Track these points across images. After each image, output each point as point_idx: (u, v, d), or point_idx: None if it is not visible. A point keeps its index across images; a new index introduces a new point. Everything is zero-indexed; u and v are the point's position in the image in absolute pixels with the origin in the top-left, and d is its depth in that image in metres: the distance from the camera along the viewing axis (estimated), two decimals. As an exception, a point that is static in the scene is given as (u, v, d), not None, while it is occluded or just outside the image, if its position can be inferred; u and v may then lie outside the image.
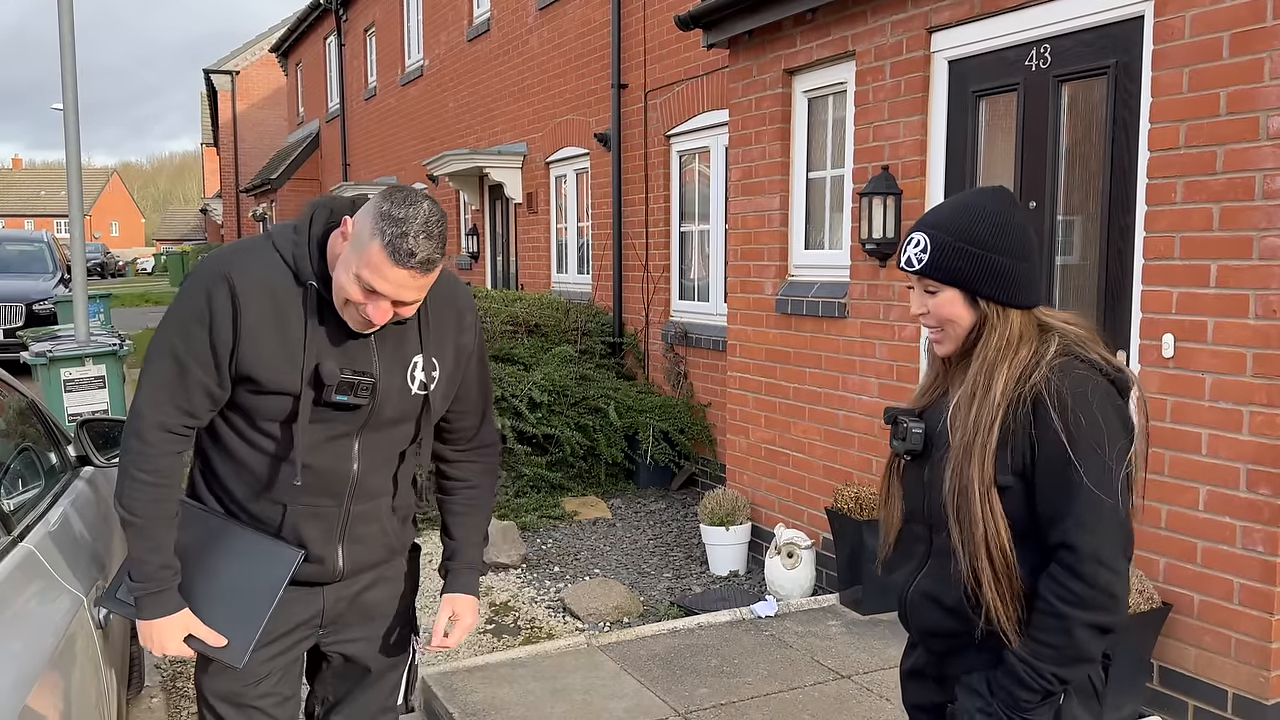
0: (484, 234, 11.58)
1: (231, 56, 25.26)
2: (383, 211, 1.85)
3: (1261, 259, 3.16)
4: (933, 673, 1.88)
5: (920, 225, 1.79)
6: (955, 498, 1.70)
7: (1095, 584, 1.62)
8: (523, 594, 5.20)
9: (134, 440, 1.99)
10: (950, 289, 1.75)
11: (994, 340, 1.73)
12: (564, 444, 6.92)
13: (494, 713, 3.53)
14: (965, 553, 1.70)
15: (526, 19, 10.02)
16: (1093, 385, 1.66)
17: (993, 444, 1.67)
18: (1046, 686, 1.65)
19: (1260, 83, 3.14)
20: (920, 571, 1.83)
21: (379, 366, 2.04)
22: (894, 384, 4.58)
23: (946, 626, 1.78)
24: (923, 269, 1.75)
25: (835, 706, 3.58)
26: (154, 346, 2.02)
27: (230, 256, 2.01)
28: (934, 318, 1.78)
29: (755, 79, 5.38)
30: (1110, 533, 1.63)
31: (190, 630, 2.05)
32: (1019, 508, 1.69)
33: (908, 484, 1.87)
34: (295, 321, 1.97)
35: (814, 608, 4.56)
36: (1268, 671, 3.20)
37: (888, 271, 4.60)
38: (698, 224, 7.46)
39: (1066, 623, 1.63)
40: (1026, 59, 3.97)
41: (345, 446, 2.08)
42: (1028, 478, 1.68)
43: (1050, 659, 1.64)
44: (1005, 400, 1.68)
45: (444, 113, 12.63)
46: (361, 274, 1.86)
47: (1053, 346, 1.71)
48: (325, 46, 18.80)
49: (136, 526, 2.01)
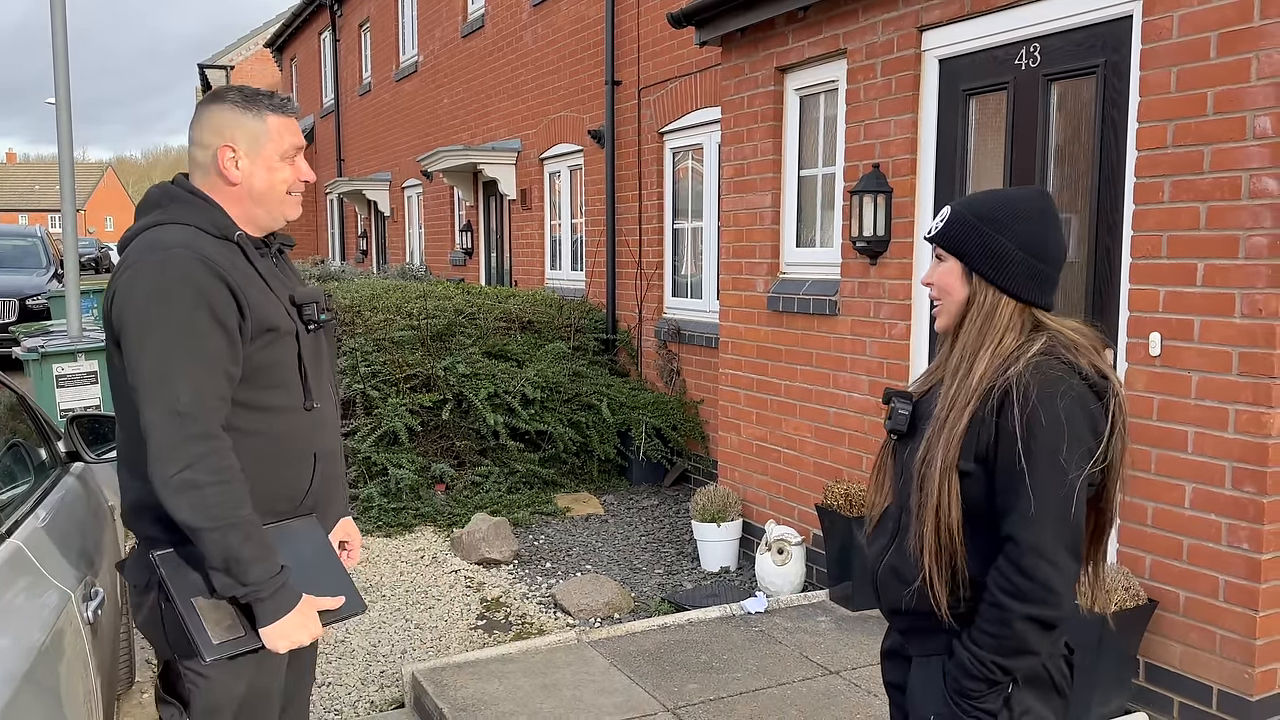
0: (478, 230, 11.57)
1: (226, 51, 25.17)
2: (237, 104, 2.09)
3: (1248, 258, 3.18)
4: (902, 652, 1.93)
5: (956, 200, 1.90)
6: (921, 467, 1.76)
7: (1034, 577, 1.66)
8: (514, 590, 5.21)
9: (196, 444, 1.88)
10: (952, 259, 1.83)
11: (977, 320, 1.78)
12: (557, 440, 6.93)
13: (483, 708, 3.54)
14: (915, 520, 1.76)
15: (521, 15, 10.01)
16: (1064, 386, 1.69)
17: (961, 425, 1.72)
18: (989, 675, 1.69)
19: (1247, 83, 3.15)
20: (889, 548, 1.88)
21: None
22: (884, 381, 4.60)
23: (906, 604, 1.82)
24: (936, 235, 1.85)
25: (823, 702, 3.60)
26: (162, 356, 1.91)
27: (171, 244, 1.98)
28: (937, 287, 1.85)
29: (747, 76, 5.38)
30: (1053, 529, 1.67)
31: (314, 606, 2.03)
32: (978, 495, 1.74)
33: (895, 464, 1.92)
34: (249, 272, 2.06)
35: (804, 604, 4.58)
36: (1252, 668, 3.23)
37: (878, 269, 4.61)
38: (691, 221, 7.47)
39: (1006, 613, 1.68)
40: (1016, 58, 3.98)
41: (326, 381, 2.22)
42: (989, 467, 1.72)
43: (991, 648, 1.69)
44: (983, 385, 1.73)
45: (438, 108, 12.62)
46: (281, 146, 2.10)
47: (1037, 344, 1.74)
48: (320, 41, 18.76)
49: (239, 530, 1.89)
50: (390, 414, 6.55)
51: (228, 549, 1.89)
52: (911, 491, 1.78)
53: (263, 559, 1.93)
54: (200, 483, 1.87)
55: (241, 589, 1.92)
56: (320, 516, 2.23)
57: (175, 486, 1.87)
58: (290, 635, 1.97)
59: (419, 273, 12.08)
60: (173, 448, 1.87)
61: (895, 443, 1.91)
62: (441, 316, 7.34)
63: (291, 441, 2.10)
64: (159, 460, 1.88)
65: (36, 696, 1.90)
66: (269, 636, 1.96)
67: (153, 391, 1.90)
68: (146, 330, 1.92)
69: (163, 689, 2.10)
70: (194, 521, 1.87)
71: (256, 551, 1.92)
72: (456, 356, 6.99)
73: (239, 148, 2.08)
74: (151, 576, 2.04)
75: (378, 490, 6.31)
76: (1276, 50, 3.07)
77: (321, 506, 2.23)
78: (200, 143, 2.11)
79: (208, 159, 2.10)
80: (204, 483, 1.87)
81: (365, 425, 6.56)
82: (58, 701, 2.02)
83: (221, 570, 1.91)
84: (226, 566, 1.90)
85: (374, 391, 6.70)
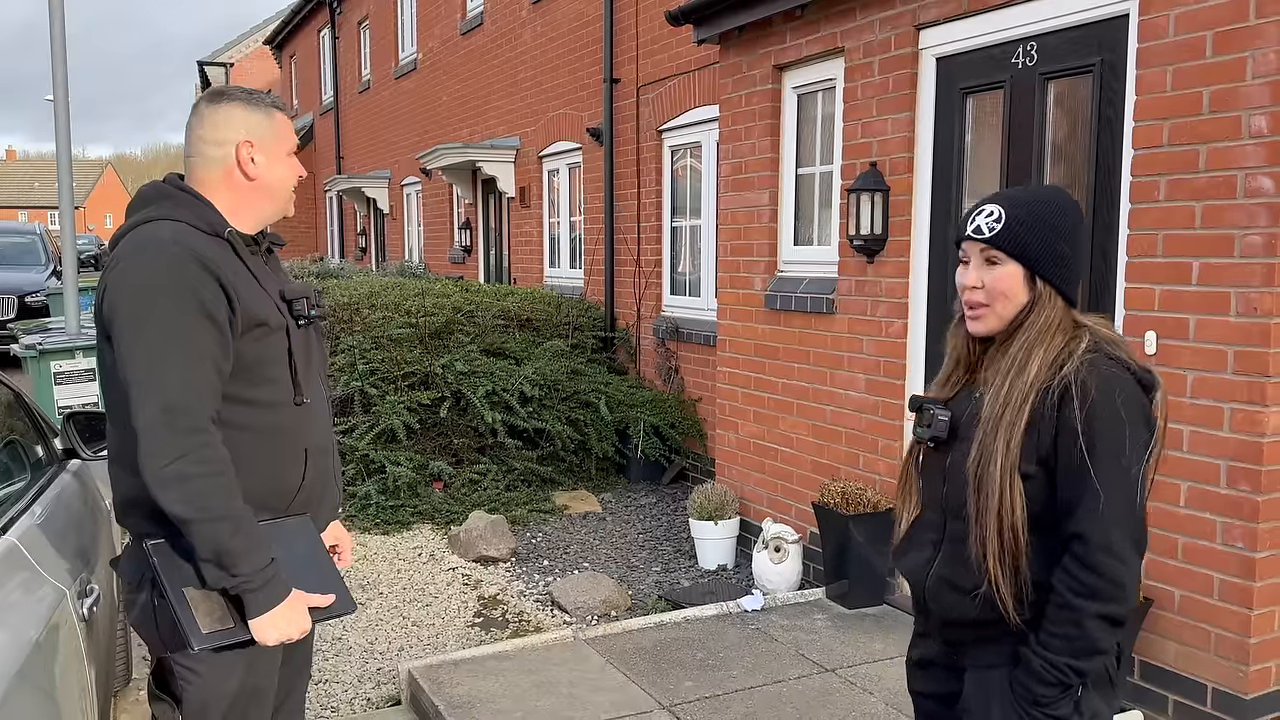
0: (477, 228, 11.57)
1: (226, 49, 25.15)
2: (246, 102, 2.15)
3: (1243, 257, 3.18)
4: (945, 662, 1.90)
5: (993, 199, 1.83)
6: (976, 468, 1.73)
7: (1105, 574, 1.65)
8: (511, 587, 5.22)
9: (187, 437, 1.89)
10: (1014, 263, 1.78)
11: (1039, 322, 1.77)
12: (555, 438, 6.93)
13: (479, 705, 3.55)
14: (976, 524, 1.73)
15: (520, 12, 10.01)
16: (1120, 382, 1.71)
17: (1022, 423, 1.71)
18: (1063, 679, 1.68)
19: (1242, 81, 3.15)
20: (936, 558, 1.85)
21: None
22: (881, 379, 4.60)
23: (966, 614, 1.79)
24: (994, 237, 1.78)
25: (819, 700, 3.60)
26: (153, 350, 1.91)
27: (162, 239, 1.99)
28: (988, 291, 1.80)
29: (745, 75, 5.38)
30: (1121, 524, 1.67)
31: (304, 602, 2.04)
32: (1038, 496, 1.72)
33: (925, 472, 1.90)
34: (239, 268, 2.07)
35: (800, 602, 4.59)
36: (1246, 666, 3.23)
37: (875, 268, 4.61)
38: (689, 219, 7.47)
39: (1077, 614, 1.66)
40: (1013, 57, 3.98)
41: (317, 376, 2.23)
42: (1049, 467, 1.71)
43: (1064, 651, 1.67)
44: (1038, 384, 1.72)
45: (437, 106, 12.62)
46: (290, 143, 2.20)
47: (1084, 342, 1.75)
48: (319, 39, 18.75)
49: (230, 522, 1.91)
50: (388, 412, 6.55)
51: (217, 541, 1.90)
52: (967, 496, 1.75)
53: (253, 551, 1.94)
54: (190, 475, 1.88)
55: (231, 580, 1.93)
56: (314, 513, 2.24)
57: (166, 479, 1.88)
58: (279, 628, 1.98)
59: (418, 270, 12.07)
60: (163, 441, 1.88)
61: (929, 451, 1.88)
62: (440, 314, 7.34)
63: (282, 436, 2.11)
64: (150, 453, 1.88)
65: (30, 692, 1.91)
66: (258, 628, 1.97)
67: (144, 385, 1.91)
68: (137, 325, 1.93)
69: (155, 686, 2.10)
70: (184, 513, 1.88)
71: (246, 543, 1.93)
72: (455, 354, 6.99)
73: (256, 143, 2.13)
74: (145, 573, 2.04)
75: (375, 488, 6.32)
76: (1272, 49, 3.08)
77: (315, 503, 2.24)
78: (214, 140, 2.13)
79: (223, 155, 2.13)
80: (194, 475, 1.88)
81: (363, 423, 6.57)
82: (52, 698, 2.02)
83: (212, 562, 1.92)
84: (217, 558, 1.91)
85: (372, 389, 6.70)
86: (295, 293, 2.16)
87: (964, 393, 1.88)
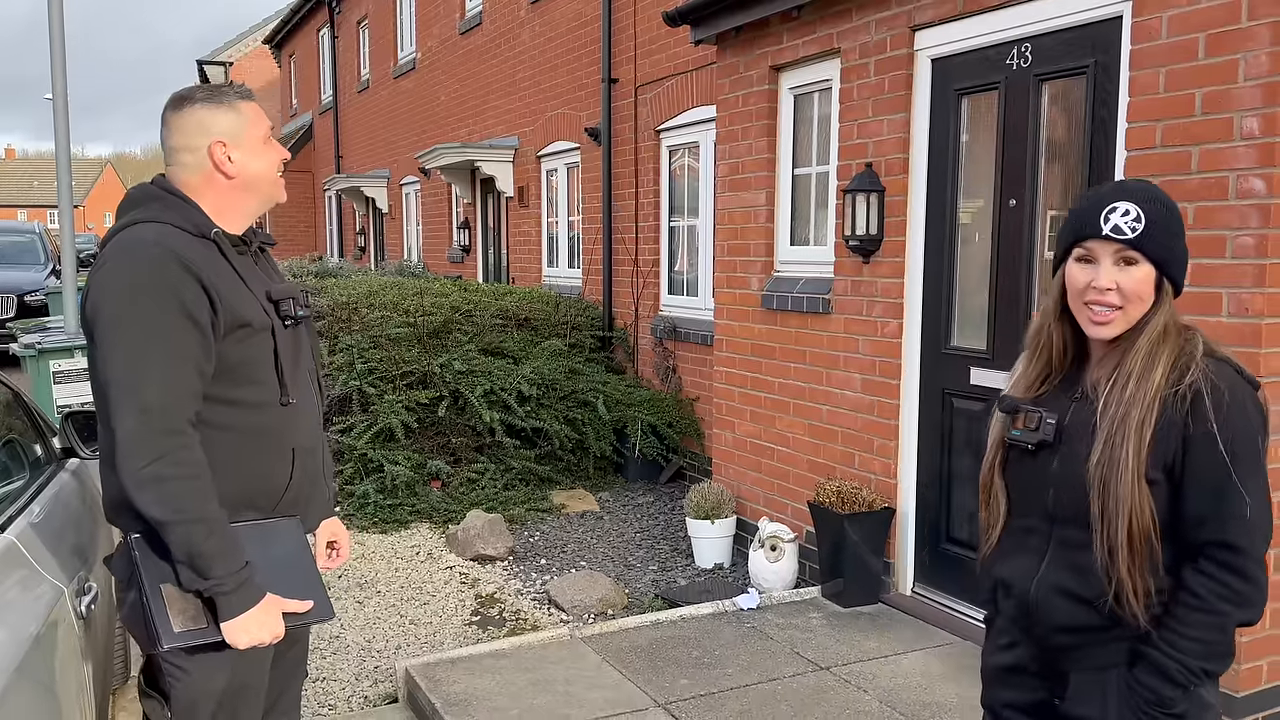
0: (475, 227, 11.59)
1: (225, 48, 25.16)
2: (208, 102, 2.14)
3: (1234, 258, 3.20)
4: (1037, 669, 1.87)
5: (1124, 195, 1.76)
6: (1102, 471, 1.70)
7: (1255, 582, 1.67)
8: (509, 586, 5.24)
9: (165, 438, 1.90)
10: (1149, 266, 1.73)
11: (1159, 325, 1.73)
12: (553, 437, 6.95)
13: (476, 703, 3.57)
14: (1103, 530, 1.70)
15: (518, 12, 10.03)
16: (1243, 387, 1.71)
17: (1151, 424, 1.68)
18: (1193, 681, 1.68)
19: (1235, 83, 3.17)
20: (1042, 566, 1.82)
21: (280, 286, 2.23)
22: (877, 379, 4.62)
23: (1080, 620, 1.77)
24: (1136, 239, 1.72)
25: (813, 698, 3.62)
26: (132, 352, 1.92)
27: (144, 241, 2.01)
28: (1121, 293, 1.73)
29: (742, 75, 5.40)
30: (1264, 531, 1.67)
31: (278, 606, 2.05)
32: (1162, 505, 1.70)
33: (1020, 477, 1.86)
34: (224, 269, 2.07)
35: (795, 600, 4.61)
36: (1238, 665, 3.25)
37: (871, 268, 4.63)
38: (687, 219, 7.49)
39: (1223, 619, 1.67)
40: (1008, 58, 4.00)
41: (305, 376, 2.24)
42: (1174, 476, 1.70)
43: (1201, 655, 1.67)
44: (1164, 388, 1.69)
45: (436, 105, 12.64)
46: (263, 129, 2.19)
47: (1200, 343, 1.74)
48: (318, 38, 18.77)
49: (204, 525, 1.92)
50: (386, 411, 6.57)
51: (191, 543, 1.91)
52: (1090, 502, 1.72)
53: (225, 555, 1.95)
54: (166, 477, 1.89)
55: (203, 583, 1.94)
56: (303, 513, 2.25)
57: (142, 480, 1.89)
58: (250, 631, 1.99)
59: (417, 270, 12.09)
60: (140, 442, 1.89)
61: (1022, 455, 1.84)
62: (438, 314, 7.36)
63: (268, 436, 2.12)
64: (127, 455, 1.90)
65: (30, 688, 1.93)
66: (229, 631, 1.98)
67: (122, 386, 1.91)
68: (117, 326, 1.93)
69: (145, 683, 2.12)
70: (159, 515, 1.90)
71: (220, 547, 1.94)
72: (453, 354, 7.01)
73: (228, 141, 2.13)
74: (135, 570, 2.05)
75: (374, 487, 6.33)
76: (1264, 51, 3.10)
77: (303, 503, 2.25)
78: (186, 147, 2.14)
79: (199, 159, 2.13)
80: (169, 477, 1.90)
81: (362, 422, 6.58)
82: (51, 693, 2.04)
83: (185, 564, 1.94)
84: (190, 560, 1.93)
85: (370, 388, 6.72)
86: (282, 293, 2.16)
87: (1053, 394, 1.85)
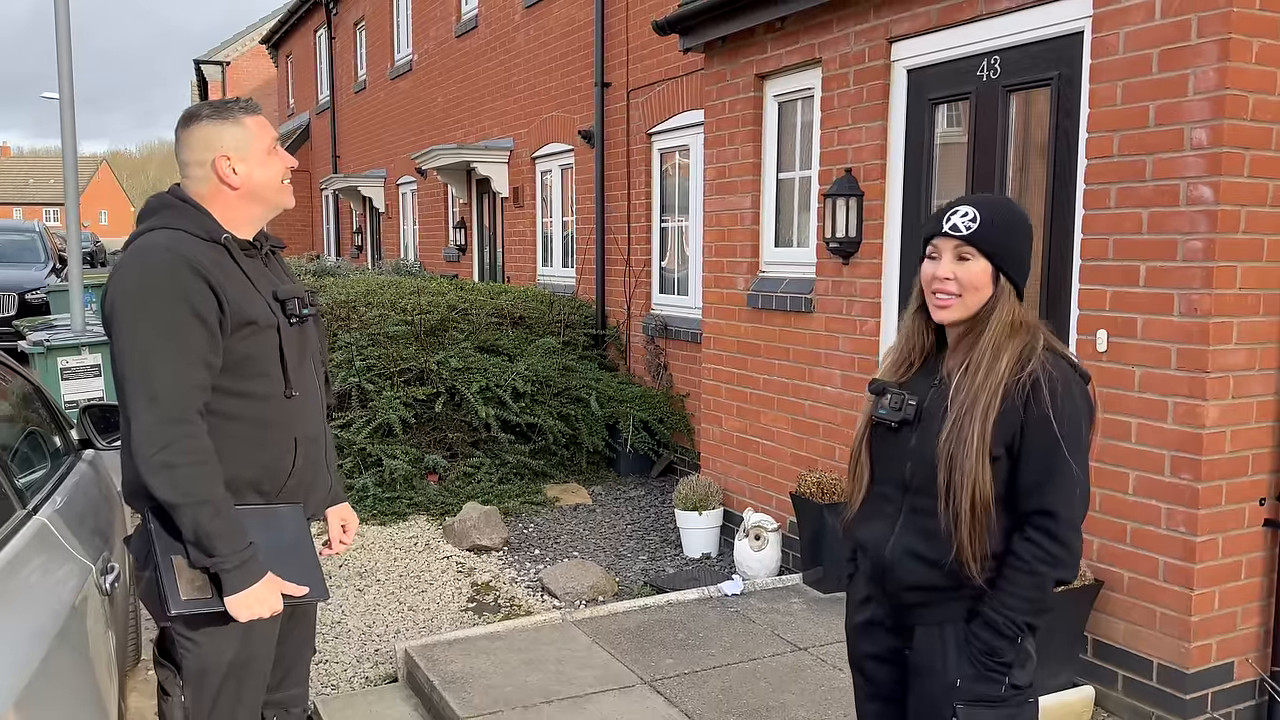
0: (471, 227, 11.78)
1: (222, 47, 25.33)
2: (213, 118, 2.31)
3: (1185, 260, 3.41)
4: (889, 623, 2.13)
5: (968, 201, 2.06)
6: (950, 447, 1.94)
7: (1070, 546, 1.92)
8: (504, 575, 5.44)
9: (173, 428, 2.09)
10: (984, 260, 2.00)
11: (1003, 317, 2.00)
12: (546, 433, 7.15)
13: (472, 681, 3.77)
14: (949, 500, 1.94)
15: (513, 16, 10.21)
16: (1074, 378, 1.98)
17: (995, 407, 1.93)
18: (1018, 634, 1.95)
19: (1185, 97, 3.38)
20: (895, 530, 2.05)
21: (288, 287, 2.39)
22: (856, 375, 4.83)
23: (927, 580, 2.01)
24: (970, 236, 2.01)
25: (791, 675, 3.83)
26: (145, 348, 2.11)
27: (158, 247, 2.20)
28: (959, 283, 2.01)
29: (729, 83, 5.60)
30: (1081, 503, 1.95)
31: (278, 586, 2.23)
32: (1001, 479, 1.95)
33: (883, 451, 2.11)
34: (233, 271, 2.26)
35: (778, 586, 4.81)
36: (1188, 643, 3.46)
37: (850, 269, 4.83)
38: (677, 219, 7.69)
39: (1042, 579, 1.92)
40: (978, 69, 4.20)
41: (310, 371, 2.41)
42: (1013, 452, 1.95)
43: (1024, 610, 1.93)
44: (1008, 375, 1.95)
45: (433, 107, 12.82)
46: (264, 142, 2.33)
47: (1040, 340, 2.00)
48: (315, 39, 18.93)
49: (211, 507, 2.11)
50: (385, 407, 6.76)
51: (198, 523, 2.11)
52: (938, 472, 1.95)
53: (230, 534, 2.14)
54: (175, 463, 2.09)
55: (209, 560, 2.14)
56: (306, 499, 2.43)
57: (154, 466, 2.09)
58: (251, 607, 2.18)
59: (413, 269, 12.27)
60: (152, 431, 2.09)
61: (887, 432, 2.08)
62: (435, 312, 7.56)
63: (273, 425, 2.30)
64: (140, 442, 2.10)
65: (69, 652, 2.13)
66: (231, 605, 2.17)
67: (135, 379, 2.12)
68: (131, 324, 2.13)
69: (159, 654, 2.33)
70: (169, 497, 2.10)
71: (225, 527, 2.13)
72: (449, 351, 7.20)
73: (232, 154, 2.31)
74: (151, 547, 2.24)
75: (373, 480, 6.53)
76: (1211, 68, 3.30)
77: (307, 489, 2.42)
78: (194, 161, 2.33)
79: (206, 172, 2.32)
80: (179, 463, 2.09)
81: (360, 417, 6.78)
82: (86, 660, 2.24)
83: (193, 543, 2.13)
84: (197, 539, 2.12)
85: (369, 385, 6.91)
86: (288, 293, 2.35)
87: (917, 378, 2.10)
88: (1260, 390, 3.47)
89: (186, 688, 2.27)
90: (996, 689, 1.95)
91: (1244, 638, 3.56)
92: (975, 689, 1.96)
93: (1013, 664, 1.95)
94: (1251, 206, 3.36)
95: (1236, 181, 3.32)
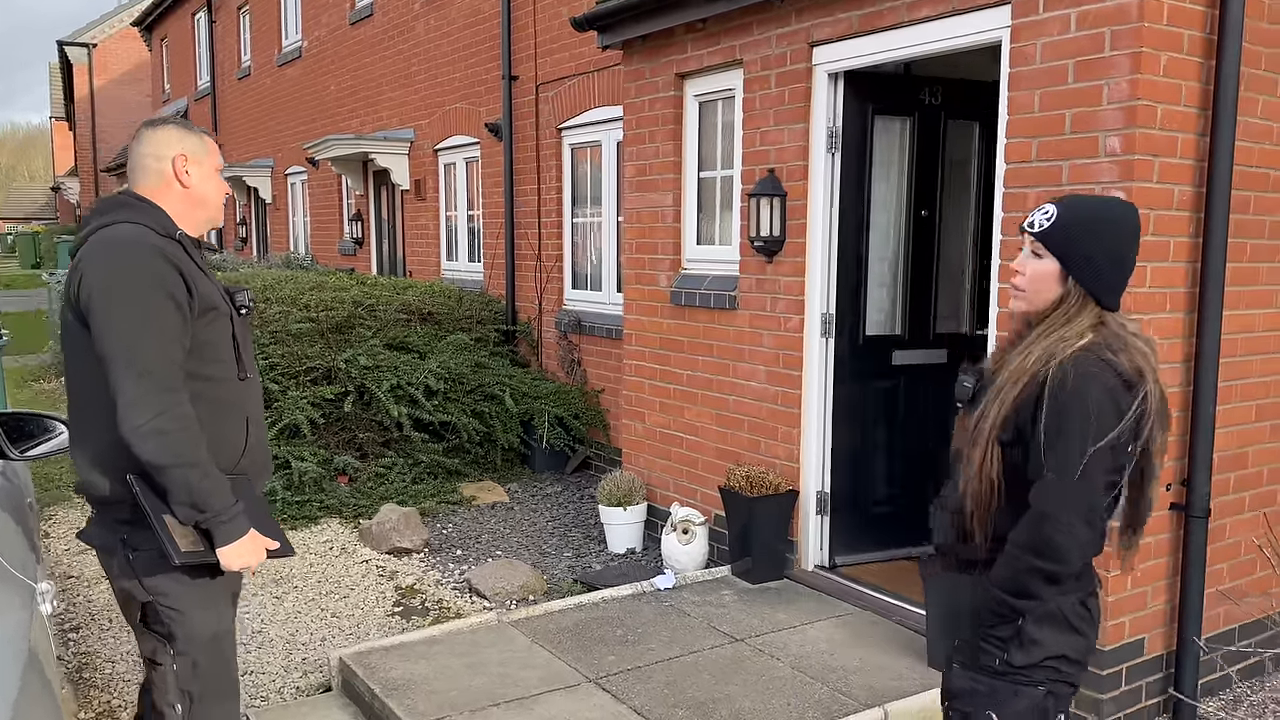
0: (369, 220, 11.52)
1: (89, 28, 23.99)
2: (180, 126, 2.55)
3: (1100, 261, 3.60)
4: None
5: (1059, 200, 2.11)
6: (977, 423, 2.08)
7: (1041, 536, 1.99)
8: (428, 577, 5.36)
9: (165, 395, 2.27)
10: (1052, 259, 2.07)
11: (1060, 317, 2.06)
12: (461, 430, 7.07)
13: (414, 687, 3.72)
14: (965, 466, 2.09)
15: (413, 5, 10.01)
16: (1095, 378, 1.97)
17: (1012, 397, 2.03)
18: (997, 609, 2.05)
19: (1099, 106, 3.57)
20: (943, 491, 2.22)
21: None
22: (780, 371, 4.94)
23: (948, 541, 2.18)
24: (1041, 233, 2.08)
25: (732, 666, 3.91)
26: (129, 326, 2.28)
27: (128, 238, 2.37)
28: (1028, 279, 2.10)
29: (649, 81, 5.63)
30: (1067, 497, 1.96)
31: (261, 539, 2.44)
32: (1016, 463, 2.05)
33: (957, 426, 2.23)
34: (189, 262, 2.45)
35: (708, 579, 4.90)
36: (1105, 621, 3.67)
37: (774, 267, 4.94)
38: (590, 215, 7.69)
39: (1016, 562, 2.03)
40: (918, 91, 4.34)
41: (252, 359, 2.63)
42: (1024, 441, 2.03)
43: (1001, 587, 2.05)
44: (1034, 367, 2.02)
45: (325, 96, 12.46)
46: (219, 162, 2.59)
47: (1084, 339, 2.03)
48: (194, 22, 18.14)
49: (199, 468, 2.30)
50: (291, 407, 6.57)
51: (189, 483, 2.30)
52: (966, 445, 2.10)
53: (220, 491, 2.35)
54: (167, 429, 2.27)
55: (201, 515, 2.33)
56: (254, 477, 2.61)
57: (146, 433, 2.25)
58: (243, 556, 2.40)
59: (305, 262, 11.90)
60: (143, 400, 2.26)
61: (960, 412, 2.21)
62: (340, 308, 7.36)
63: (229, 406, 2.51)
64: (131, 411, 2.25)
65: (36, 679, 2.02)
66: (225, 555, 2.37)
67: (123, 356, 2.28)
68: (114, 306, 2.30)
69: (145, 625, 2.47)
70: (162, 460, 2.27)
71: (215, 485, 2.34)
72: (357, 349, 7.04)
73: (190, 157, 2.54)
74: (115, 536, 2.41)
75: (280, 483, 6.34)
76: (1124, 79, 3.50)
77: (259, 466, 2.63)
78: (154, 155, 2.53)
79: (163, 167, 2.53)
80: (170, 429, 2.27)
81: (266, 419, 6.56)
82: (49, 687, 2.13)
83: (186, 503, 2.32)
84: (190, 498, 2.31)
85: (273, 384, 6.69)
86: (235, 288, 2.61)
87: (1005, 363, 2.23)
88: (1169, 382, 3.70)
89: (178, 657, 2.44)
90: (991, 659, 2.07)
91: (1153, 615, 3.81)
92: (972, 652, 2.10)
93: (1008, 640, 2.05)
94: (1160, 210, 3.58)
95: (1147, 186, 3.53)
